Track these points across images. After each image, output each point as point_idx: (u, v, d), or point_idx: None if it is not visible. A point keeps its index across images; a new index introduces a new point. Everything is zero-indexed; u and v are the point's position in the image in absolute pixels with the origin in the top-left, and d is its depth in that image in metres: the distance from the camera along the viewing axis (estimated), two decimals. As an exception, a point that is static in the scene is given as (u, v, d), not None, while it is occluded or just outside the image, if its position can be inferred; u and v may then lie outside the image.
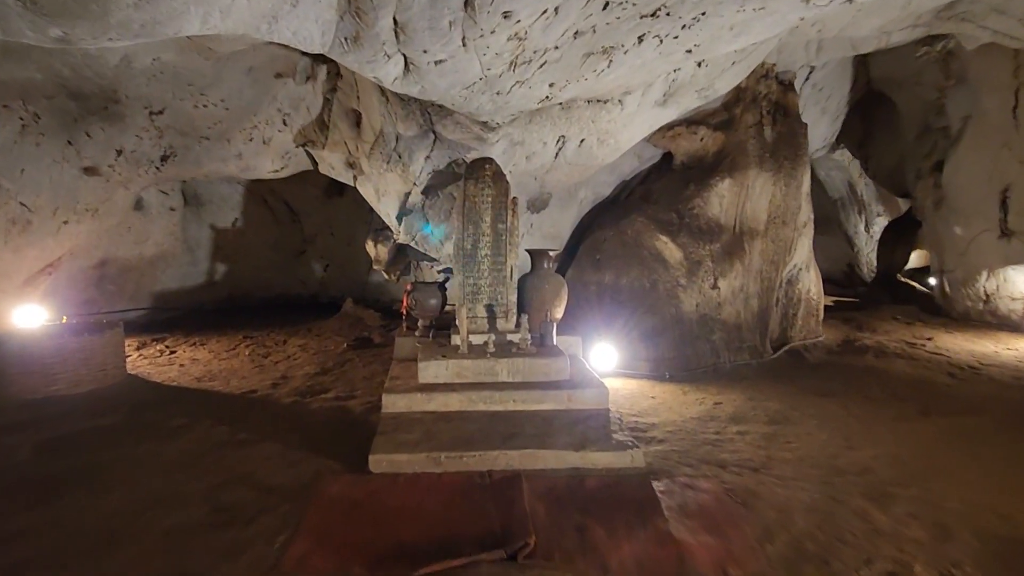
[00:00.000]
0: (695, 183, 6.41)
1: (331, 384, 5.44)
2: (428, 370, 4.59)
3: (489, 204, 5.22)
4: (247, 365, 6.06)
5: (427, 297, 5.40)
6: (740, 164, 6.24)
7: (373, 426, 4.11)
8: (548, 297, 5.41)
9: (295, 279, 9.99)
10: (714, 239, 6.26)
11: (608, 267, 6.26)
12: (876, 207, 12.12)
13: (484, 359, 4.65)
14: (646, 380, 5.73)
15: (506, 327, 5.27)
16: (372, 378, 5.62)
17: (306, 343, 7.00)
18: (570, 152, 5.67)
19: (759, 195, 6.31)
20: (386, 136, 5.27)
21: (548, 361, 4.69)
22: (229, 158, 6.18)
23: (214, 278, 9.04)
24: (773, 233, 6.40)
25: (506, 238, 5.24)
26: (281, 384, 5.40)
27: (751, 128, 6.30)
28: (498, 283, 5.27)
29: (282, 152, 6.22)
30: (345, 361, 6.21)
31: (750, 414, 4.81)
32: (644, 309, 6.07)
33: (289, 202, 9.46)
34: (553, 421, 4.14)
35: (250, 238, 9.28)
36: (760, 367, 6.26)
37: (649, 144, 6.76)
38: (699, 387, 5.55)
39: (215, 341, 7.06)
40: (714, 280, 6.21)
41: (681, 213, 6.34)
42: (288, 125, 5.94)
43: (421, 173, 5.55)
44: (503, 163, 5.43)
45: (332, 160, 6.20)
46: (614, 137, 5.53)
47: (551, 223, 6.51)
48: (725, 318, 6.30)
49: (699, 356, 6.08)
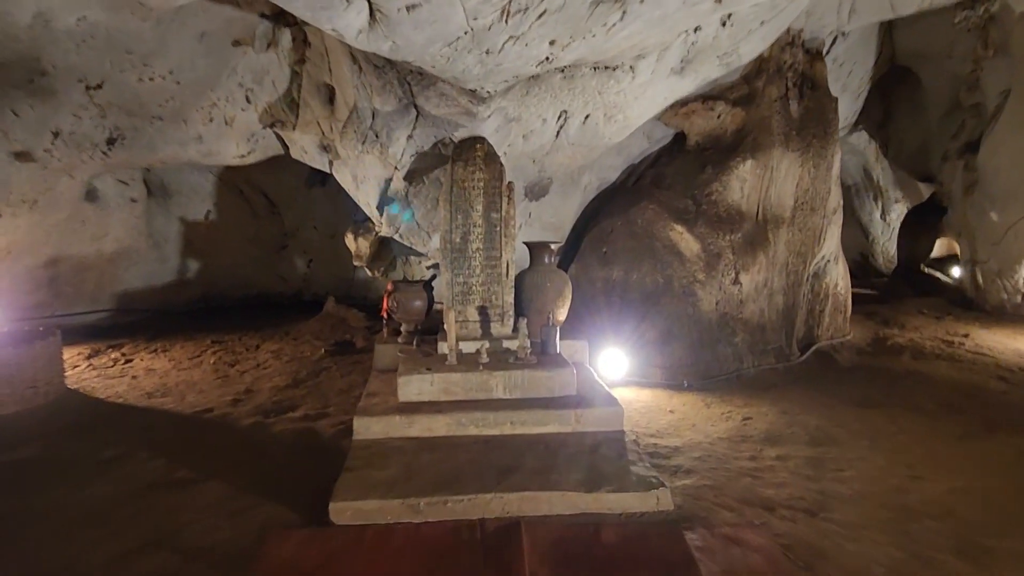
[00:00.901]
0: (712, 165, 5.70)
1: (301, 399, 4.74)
2: (410, 386, 3.90)
3: (480, 190, 4.51)
4: (209, 376, 5.36)
5: (410, 298, 4.70)
6: (763, 143, 5.53)
7: (344, 454, 3.42)
8: (550, 297, 4.72)
9: (275, 276, 9.28)
10: (735, 228, 5.56)
11: (616, 261, 5.56)
12: (894, 193, 11.41)
13: (476, 372, 3.96)
14: (662, 390, 5.04)
15: (502, 332, 4.57)
16: (349, 391, 4.93)
17: (280, 348, 6.30)
18: (573, 130, 4.96)
19: (784, 178, 5.61)
20: (360, 112, 4.55)
21: (551, 373, 4.00)
22: (188, 142, 5.45)
23: (185, 276, 8.32)
24: (800, 221, 5.70)
25: (500, 229, 4.54)
26: (243, 400, 4.70)
27: (775, 103, 5.59)
28: (492, 281, 4.57)
29: (247, 134, 5.49)
30: (321, 370, 5.51)
31: (787, 432, 4.14)
32: (657, 308, 5.38)
33: (267, 192, 8.73)
34: (559, 449, 3.45)
35: (225, 232, 8.55)
36: (787, 372, 5.59)
37: (660, 123, 6.04)
38: (722, 398, 4.87)
39: (179, 347, 6.35)
40: (735, 275, 5.51)
41: (697, 199, 5.64)
42: (252, 103, 5.21)
43: (403, 155, 4.83)
44: (496, 143, 4.72)
45: (304, 143, 5.47)
46: (623, 112, 4.81)
47: (552, 212, 5.80)
48: (747, 317, 5.61)
49: (720, 361, 5.39)
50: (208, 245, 8.40)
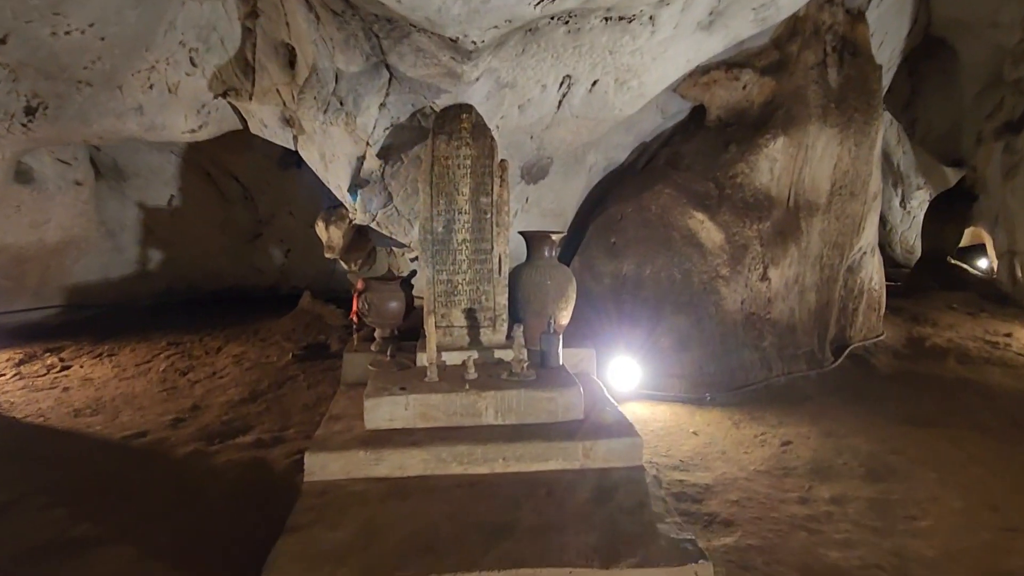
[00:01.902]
0: (737, 144, 4.94)
1: (256, 418, 4.01)
2: (379, 410, 3.16)
3: (467, 169, 3.75)
4: (154, 387, 4.62)
5: (385, 298, 3.95)
6: (797, 118, 4.77)
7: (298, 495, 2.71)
8: (551, 297, 3.97)
9: (250, 268, 8.49)
10: (763, 216, 4.82)
11: (627, 253, 4.82)
12: (915, 179, 10.68)
13: (461, 392, 3.22)
14: (681, 405, 4.33)
15: (493, 340, 3.84)
16: (316, 406, 4.20)
17: (244, 352, 5.55)
18: (578, 99, 4.19)
19: (821, 158, 4.86)
20: (321, 74, 3.77)
21: (553, 393, 3.27)
22: (126, 113, 4.66)
23: (147, 268, 7.54)
24: (838, 208, 4.96)
25: (491, 216, 3.78)
26: (187, 420, 3.96)
27: (812, 70, 4.82)
28: (481, 279, 3.82)
29: (197, 105, 4.70)
30: (286, 379, 4.77)
31: (837, 462, 3.44)
32: (674, 308, 4.65)
33: (238, 175, 7.92)
34: (564, 495, 2.73)
35: (192, 219, 7.76)
36: (822, 380, 4.88)
37: (675, 96, 5.27)
38: (752, 415, 4.17)
39: (129, 350, 5.60)
40: (763, 269, 4.78)
41: (720, 183, 4.88)
42: (198, 66, 4.42)
43: (375, 128, 4.06)
44: (487, 115, 3.95)
45: (263, 115, 4.68)
46: (638, 77, 4.04)
47: (552, 197, 5.05)
48: (776, 317, 4.89)
49: (746, 369, 4.68)
50: (172, 234, 7.61)
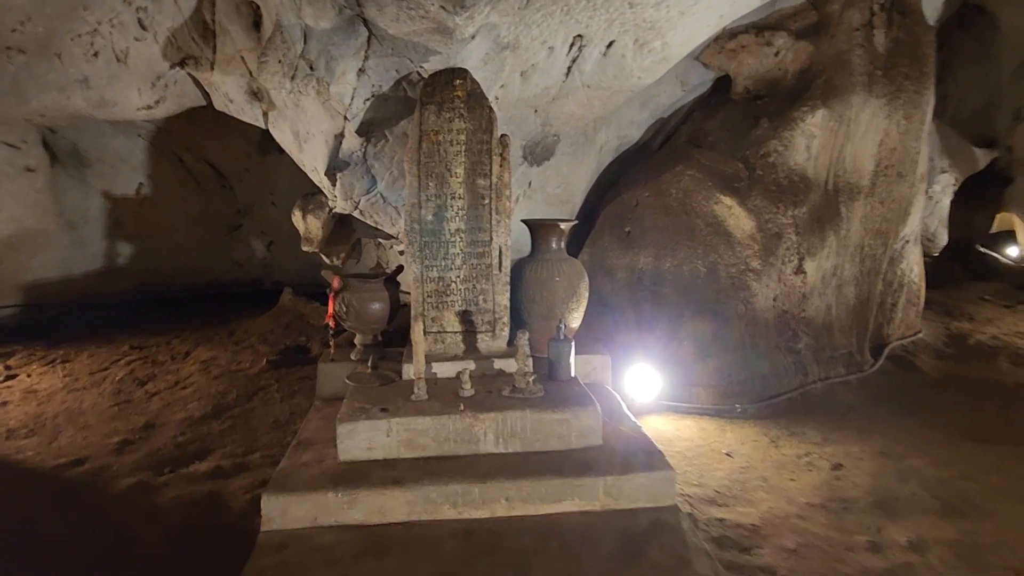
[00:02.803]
0: (769, 118, 4.35)
1: (218, 439, 3.44)
2: (355, 437, 2.60)
3: (462, 146, 3.16)
4: (106, 401, 4.04)
5: (366, 299, 3.37)
6: (839, 87, 4.18)
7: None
8: (560, 296, 3.40)
9: (230, 261, 7.90)
10: (799, 200, 4.23)
11: (643, 244, 4.24)
12: (940, 161, 10.01)
13: (455, 414, 2.66)
14: (708, 418, 3.78)
15: (493, 348, 3.27)
16: (288, 423, 3.64)
17: (215, 356, 4.97)
18: (590, 65, 3.60)
19: (865, 133, 4.27)
20: (286, 31, 3.16)
21: (565, 414, 2.70)
22: (69, 86, 4.05)
23: (115, 263, 6.93)
24: (882, 190, 4.38)
25: (490, 202, 3.20)
26: (136, 442, 3.40)
27: (856, 32, 4.22)
28: (478, 276, 3.24)
29: (151, 76, 4.09)
30: (257, 390, 4.20)
31: (903, 492, 2.88)
32: (698, 307, 4.08)
33: (214, 162, 7.30)
34: (583, 550, 2.18)
35: (164, 210, 7.14)
36: (863, 386, 4.32)
37: (696, 65, 4.67)
38: (791, 430, 3.61)
39: (86, 356, 5.02)
40: (799, 261, 4.21)
41: (750, 163, 4.30)
42: (149, 29, 3.80)
43: (353, 99, 3.46)
44: (485, 84, 3.36)
45: (228, 88, 4.08)
46: (662, 37, 3.45)
47: (558, 180, 4.46)
48: (811, 316, 4.32)
49: (779, 375, 4.11)
50: (142, 226, 7.00)
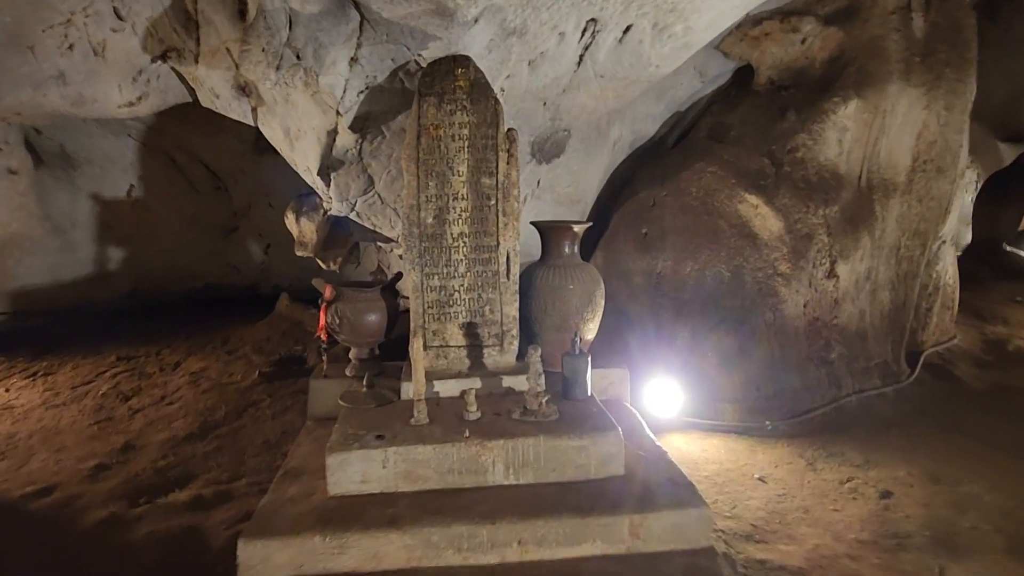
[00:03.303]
0: (796, 110, 4.04)
1: (202, 462, 3.16)
2: (348, 468, 2.31)
3: (465, 141, 2.86)
4: (86, 418, 3.77)
5: (361, 310, 3.08)
6: (874, 75, 3.86)
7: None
8: (574, 306, 3.10)
9: (226, 265, 7.63)
10: (830, 198, 3.92)
11: (662, 247, 3.94)
12: (961, 157, 9.70)
13: (459, 441, 2.36)
14: (736, 437, 3.47)
15: (500, 364, 2.96)
16: (278, 444, 3.35)
17: (205, 368, 4.69)
18: (604, 52, 3.29)
19: (902, 125, 3.95)
20: (270, 16, 2.87)
21: (584, 440, 2.40)
22: (44, 82, 3.79)
23: (107, 268, 6.68)
24: (920, 187, 4.06)
25: (497, 203, 2.90)
26: (113, 467, 3.11)
27: (892, 16, 3.89)
28: (484, 285, 2.94)
29: (132, 71, 3.82)
30: (247, 405, 3.92)
31: (962, 526, 2.57)
32: (723, 315, 3.77)
33: (208, 162, 7.03)
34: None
35: (156, 212, 6.88)
36: (901, 399, 4.00)
37: (716, 55, 4.35)
38: (829, 450, 3.30)
39: (71, 367, 4.76)
40: (830, 265, 3.89)
41: (777, 158, 3.98)
42: (126, 19, 3.53)
43: (345, 91, 3.16)
44: (490, 75, 3.07)
45: (213, 82, 3.80)
46: (684, 20, 3.13)
47: (569, 179, 4.15)
48: (844, 323, 4.01)
49: (811, 389, 3.80)
50: (134, 229, 6.74)
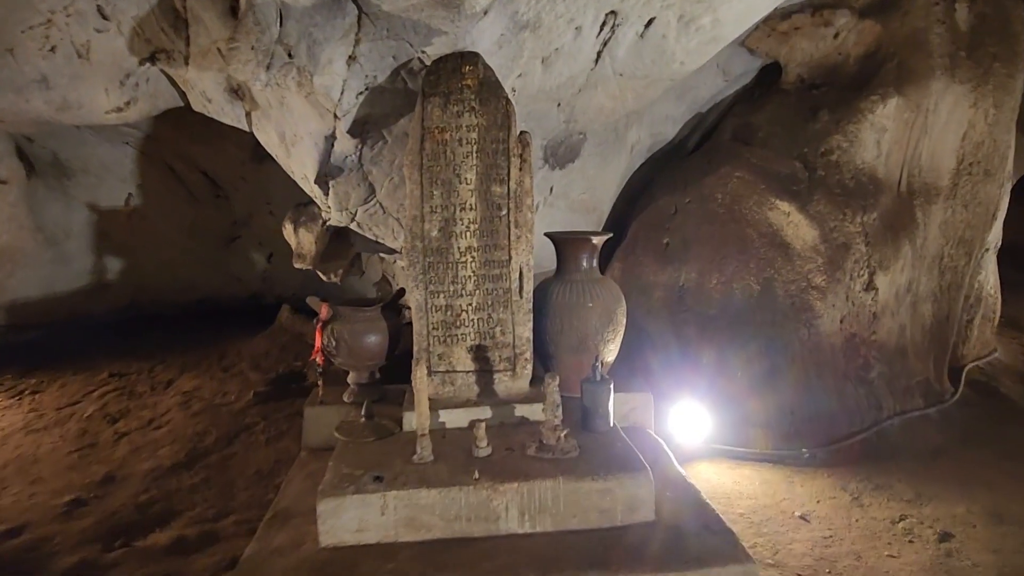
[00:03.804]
0: (829, 110, 3.75)
1: (187, 496, 2.90)
2: (342, 515, 2.03)
3: (473, 146, 2.60)
4: (68, 444, 3.52)
5: (359, 332, 2.81)
6: (915, 72, 3.57)
7: None
8: (593, 325, 2.82)
9: (227, 276, 7.41)
10: (868, 205, 3.62)
11: (685, 258, 3.66)
12: (987, 159, 9.35)
13: (467, 483, 2.09)
14: (770, 466, 3.17)
15: (513, 390, 2.69)
16: (271, 475, 3.09)
17: (199, 386, 4.45)
18: (624, 48, 3.02)
19: (945, 125, 3.65)
20: (259, 11, 2.62)
21: (608, 483, 2.12)
22: (26, 86, 3.57)
23: (104, 279, 6.47)
24: (966, 191, 3.75)
25: (508, 214, 2.63)
26: (90, 502, 2.86)
27: (935, 7, 3.61)
28: (495, 303, 2.67)
29: (119, 74, 3.59)
30: (240, 430, 3.66)
31: (1043, 579, 2.26)
32: (753, 331, 3.48)
33: (207, 170, 6.82)
34: None
35: (155, 222, 6.67)
36: (946, 421, 3.69)
37: (740, 52, 4.08)
38: (873, 480, 3.00)
39: (60, 385, 4.52)
40: (869, 276, 3.60)
41: (809, 162, 3.69)
42: (111, 19, 3.30)
43: (344, 92, 2.91)
44: (500, 73, 2.81)
45: (205, 85, 3.56)
46: (713, 12, 2.86)
47: (584, 185, 3.88)
48: (883, 339, 3.70)
49: (850, 411, 3.49)
50: (132, 238, 6.54)
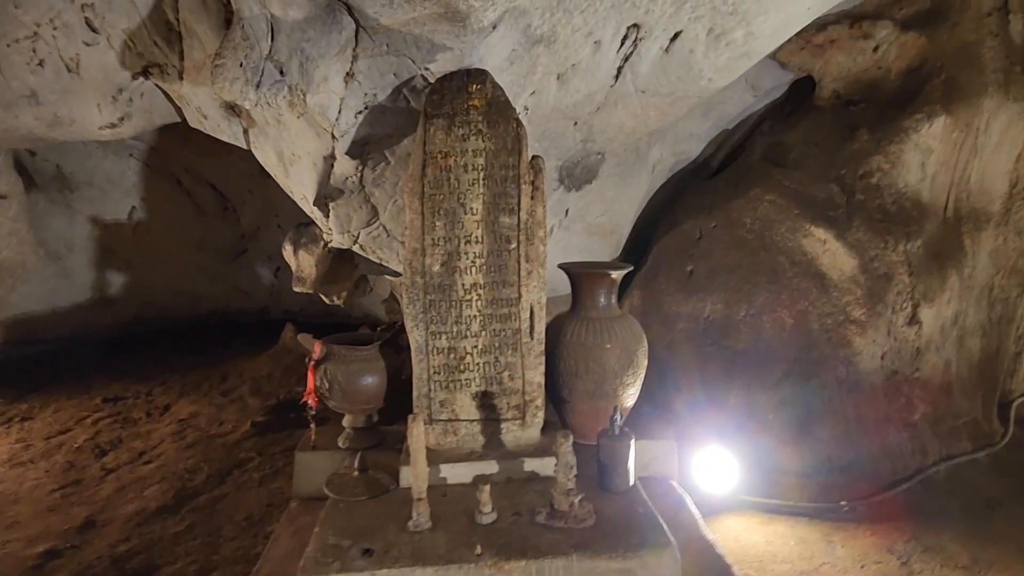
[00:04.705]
0: (869, 129, 3.46)
1: (169, 547, 2.68)
2: (323, 599, 1.79)
3: (480, 172, 2.36)
4: (52, 481, 3.33)
5: (354, 373, 2.57)
6: (965, 88, 3.27)
7: None
8: (611, 368, 2.55)
9: (234, 290, 7.26)
10: (911, 232, 3.33)
11: (711, 288, 3.38)
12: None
13: (469, 561, 1.83)
14: (806, 521, 2.87)
15: (523, 441, 2.43)
16: (261, 521, 2.86)
17: (196, 412, 4.25)
18: (648, 64, 2.77)
19: (997, 146, 3.34)
20: (248, 24, 2.41)
21: (629, 562, 1.86)
22: (16, 102, 3.41)
23: (107, 294, 6.34)
24: (1019, 217, 3.44)
25: (519, 247, 2.38)
26: (65, 553, 2.65)
27: (988, 19, 3.31)
28: (503, 346, 2.42)
29: (111, 89, 3.41)
30: (233, 467, 3.44)
31: None
32: (785, 369, 3.19)
33: (214, 183, 6.68)
34: None
35: (160, 235, 6.54)
36: (997, 467, 3.36)
37: (771, 65, 3.80)
38: (923, 541, 2.69)
39: (52, 411, 4.35)
40: (912, 309, 3.29)
41: (847, 185, 3.41)
42: (100, 31, 3.12)
43: (341, 112, 2.69)
44: (511, 91, 2.57)
45: (200, 101, 3.38)
46: (747, 25, 2.60)
47: (602, 207, 3.63)
48: (927, 375, 3.39)
49: (892, 457, 3.19)
50: (137, 253, 6.40)
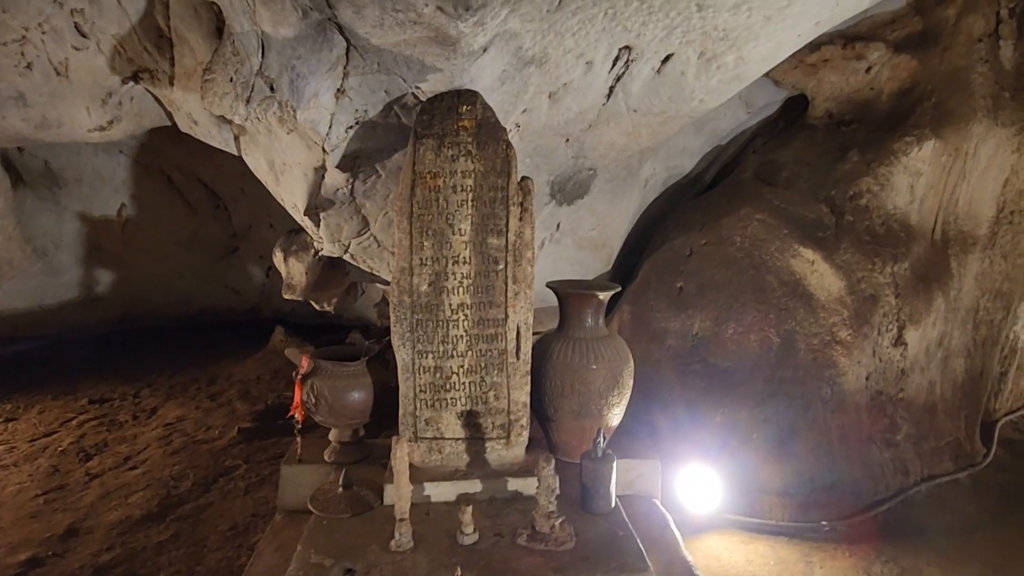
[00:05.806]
0: (860, 150, 3.49)
1: (152, 558, 2.67)
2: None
3: (469, 193, 2.36)
4: (35, 486, 3.31)
5: (341, 389, 2.57)
6: (955, 112, 3.29)
7: None
8: (596, 388, 2.57)
9: (224, 289, 7.22)
10: (899, 254, 3.35)
11: (699, 305, 3.40)
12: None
13: (447, 588, 1.84)
14: (786, 540, 2.90)
15: (507, 460, 2.44)
16: (246, 532, 2.86)
17: (183, 416, 4.24)
18: (639, 84, 2.78)
19: (985, 170, 3.37)
20: (239, 40, 2.40)
21: (608, 591, 1.87)
22: (3, 104, 3.38)
23: (95, 292, 6.29)
24: (1005, 241, 3.47)
25: (506, 268, 2.39)
26: (46, 562, 2.64)
27: (979, 44, 3.33)
28: (488, 366, 2.43)
29: (100, 93, 3.38)
30: (219, 474, 3.44)
31: None
32: (771, 388, 3.22)
33: (206, 181, 6.63)
34: None
35: (150, 233, 6.49)
36: (978, 488, 3.40)
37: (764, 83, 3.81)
38: (901, 562, 2.73)
39: (37, 412, 4.33)
40: (898, 330, 3.33)
41: (837, 205, 3.43)
42: (90, 36, 3.09)
43: (332, 127, 2.68)
44: (502, 110, 2.58)
45: (191, 107, 3.35)
46: (737, 50, 2.61)
47: (593, 222, 3.63)
48: (911, 396, 3.43)
49: (874, 477, 3.22)
50: (125, 250, 6.35)
